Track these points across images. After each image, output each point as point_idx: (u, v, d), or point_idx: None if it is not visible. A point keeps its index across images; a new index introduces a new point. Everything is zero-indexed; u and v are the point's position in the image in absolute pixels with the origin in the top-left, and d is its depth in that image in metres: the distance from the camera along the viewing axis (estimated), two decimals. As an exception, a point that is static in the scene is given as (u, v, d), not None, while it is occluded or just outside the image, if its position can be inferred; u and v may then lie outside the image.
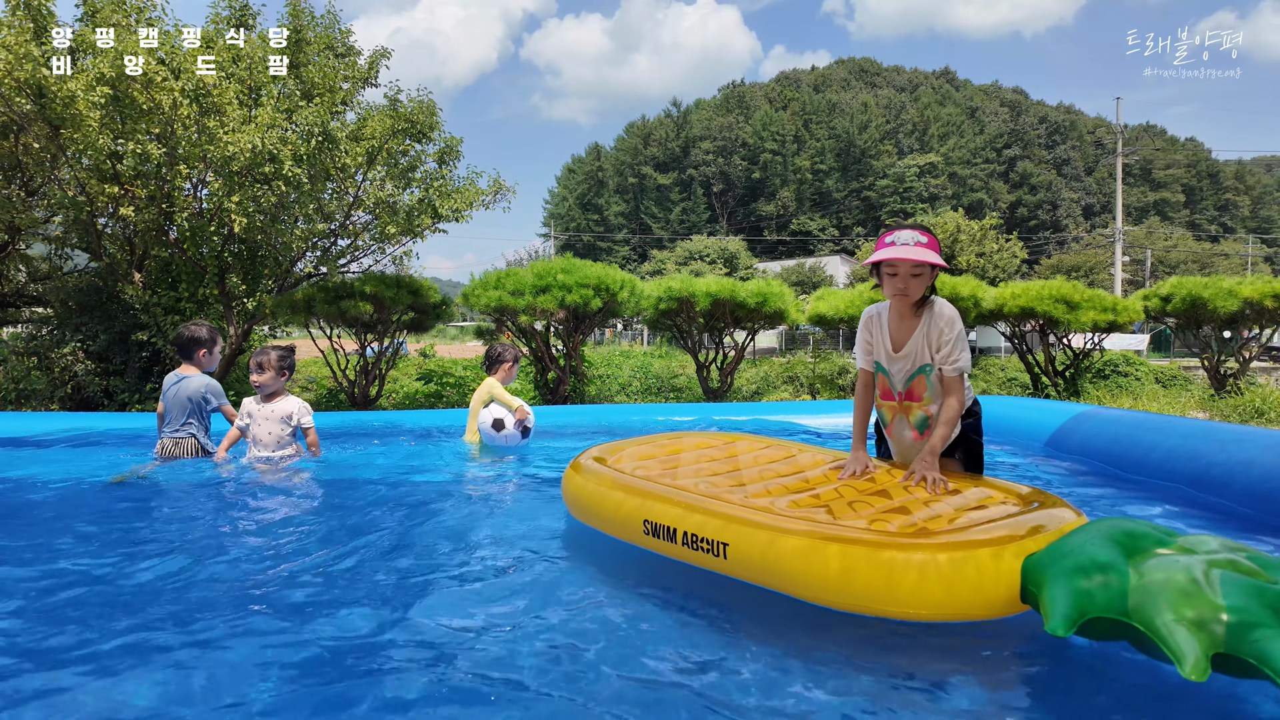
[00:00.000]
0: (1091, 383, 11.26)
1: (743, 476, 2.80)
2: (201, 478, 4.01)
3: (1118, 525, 1.90)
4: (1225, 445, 3.71)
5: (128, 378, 8.77)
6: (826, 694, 1.72)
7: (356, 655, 1.90)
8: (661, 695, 1.71)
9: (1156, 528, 1.90)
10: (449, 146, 8.68)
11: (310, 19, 8.70)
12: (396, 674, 1.80)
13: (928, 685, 1.77)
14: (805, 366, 12.27)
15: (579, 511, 2.95)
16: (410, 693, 1.70)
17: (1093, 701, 1.71)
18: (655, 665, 1.85)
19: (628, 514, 2.59)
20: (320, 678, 1.79)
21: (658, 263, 44.38)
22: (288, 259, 8.90)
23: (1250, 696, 1.70)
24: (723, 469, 2.95)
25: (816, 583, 2.00)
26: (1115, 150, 35.98)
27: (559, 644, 1.96)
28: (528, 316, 8.79)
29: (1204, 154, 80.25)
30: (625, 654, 1.91)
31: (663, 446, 3.39)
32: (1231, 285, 10.10)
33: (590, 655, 1.90)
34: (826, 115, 74.67)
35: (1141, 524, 1.90)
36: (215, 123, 7.09)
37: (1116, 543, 1.80)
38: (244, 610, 2.19)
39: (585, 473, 2.97)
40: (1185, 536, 1.87)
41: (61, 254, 9.61)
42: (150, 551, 2.80)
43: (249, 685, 1.74)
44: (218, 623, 2.09)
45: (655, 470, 2.93)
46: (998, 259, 30.77)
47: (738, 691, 1.72)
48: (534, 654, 1.90)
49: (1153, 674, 1.79)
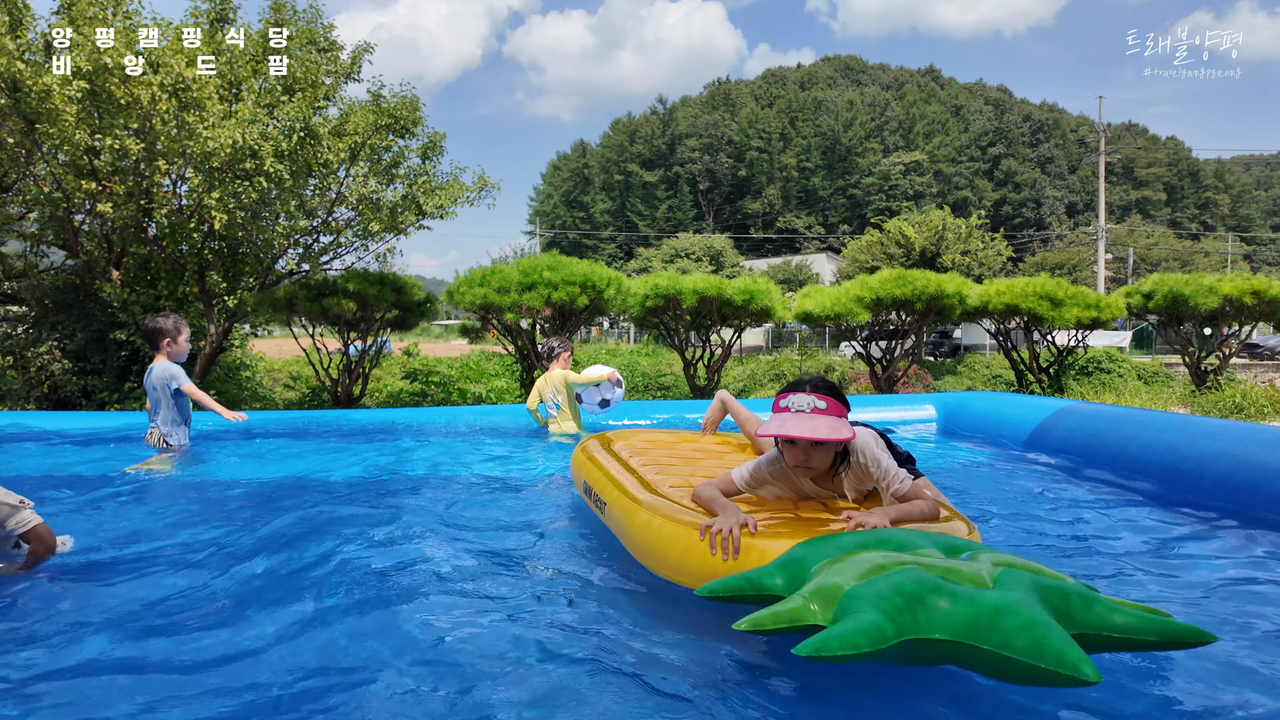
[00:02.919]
0: (1075, 380, 11.36)
1: (680, 465, 3.11)
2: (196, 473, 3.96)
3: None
4: (1196, 439, 3.74)
5: (106, 377, 8.65)
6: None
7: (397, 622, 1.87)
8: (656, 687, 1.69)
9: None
10: (432, 142, 8.62)
11: (292, 13, 8.60)
12: (398, 670, 1.77)
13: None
14: (792, 364, 12.30)
15: (573, 479, 3.47)
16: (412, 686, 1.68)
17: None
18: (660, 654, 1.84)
19: (583, 478, 3.14)
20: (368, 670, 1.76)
21: (644, 260, 44.33)
22: (269, 256, 8.81)
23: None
24: (678, 458, 3.26)
25: (623, 538, 2.52)
26: (1098, 149, 36.33)
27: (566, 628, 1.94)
28: (513, 314, 8.75)
29: (1185, 153, 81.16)
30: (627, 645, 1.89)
31: (659, 438, 3.72)
32: (1211, 282, 10.22)
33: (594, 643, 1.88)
34: (812, 113, 74.85)
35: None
36: (195, 118, 7.00)
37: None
38: (244, 612, 2.15)
39: (583, 448, 3.50)
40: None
41: (37, 251, 9.45)
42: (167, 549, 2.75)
43: (230, 681, 1.71)
44: (224, 614, 2.06)
45: (628, 453, 3.27)
46: (982, 256, 30.95)
47: (737, 673, 1.71)
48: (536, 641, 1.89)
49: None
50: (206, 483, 3.93)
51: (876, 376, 10.54)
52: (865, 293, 9.60)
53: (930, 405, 6.60)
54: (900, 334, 10.63)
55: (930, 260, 30.33)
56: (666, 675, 1.77)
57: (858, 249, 33.40)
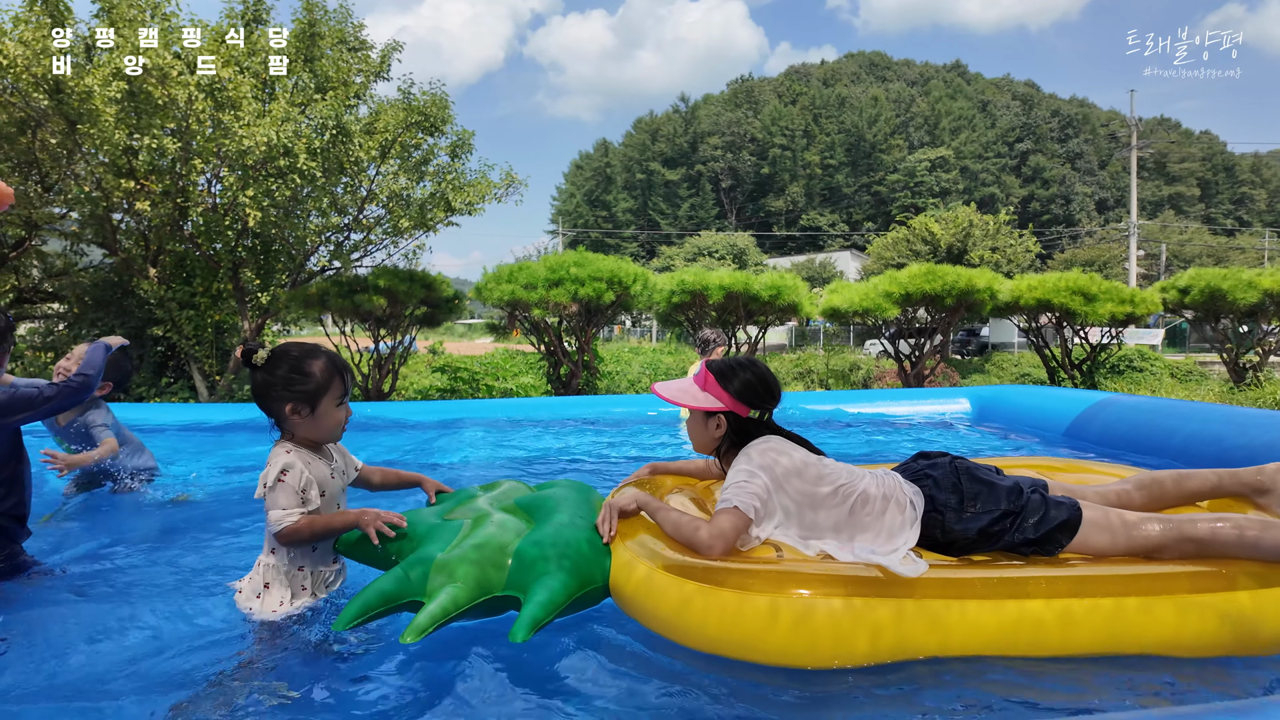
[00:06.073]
0: (1106, 377, 11.16)
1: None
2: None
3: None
4: (1246, 428, 3.67)
5: (143, 372, 8.83)
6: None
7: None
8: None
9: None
10: (461, 139, 8.69)
11: (324, 13, 8.72)
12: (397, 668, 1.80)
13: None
14: (818, 360, 12.23)
15: None
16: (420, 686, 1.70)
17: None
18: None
19: None
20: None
21: (666, 259, 44.29)
22: (301, 253, 8.94)
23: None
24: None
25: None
26: (1130, 144, 35.64)
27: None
28: (540, 310, 8.79)
29: (1219, 147, 79.34)
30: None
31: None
32: (1251, 277, 9.98)
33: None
34: (836, 110, 74.29)
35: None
36: (230, 117, 7.12)
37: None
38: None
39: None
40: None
41: (77, 250, 9.69)
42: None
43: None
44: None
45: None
46: (1010, 253, 30.54)
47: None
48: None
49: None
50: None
51: (905, 374, 10.44)
52: (894, 288, 9.52)
53: (964, 399, 6.54)
54: (928, 331, 10.52)
55: (957, 257, 29.99)
56: (667, 676, 1.73)
57: (883, 246, 33.12)
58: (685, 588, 1.65)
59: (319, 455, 2.02)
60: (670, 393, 2.13)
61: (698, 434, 2.14)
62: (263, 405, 2.00)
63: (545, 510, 2.05)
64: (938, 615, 1.59)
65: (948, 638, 1.58)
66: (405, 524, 1.96)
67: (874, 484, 1.97)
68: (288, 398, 1.94)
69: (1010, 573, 1.69)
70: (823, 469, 1.97)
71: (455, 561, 1.78)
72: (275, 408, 1.97)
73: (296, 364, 1.95)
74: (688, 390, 2.12)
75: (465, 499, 2.17)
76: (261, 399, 1.98)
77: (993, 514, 1.89)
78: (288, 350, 1.98)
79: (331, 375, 1.98)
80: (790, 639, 1.56)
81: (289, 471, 1.89)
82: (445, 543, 1.87)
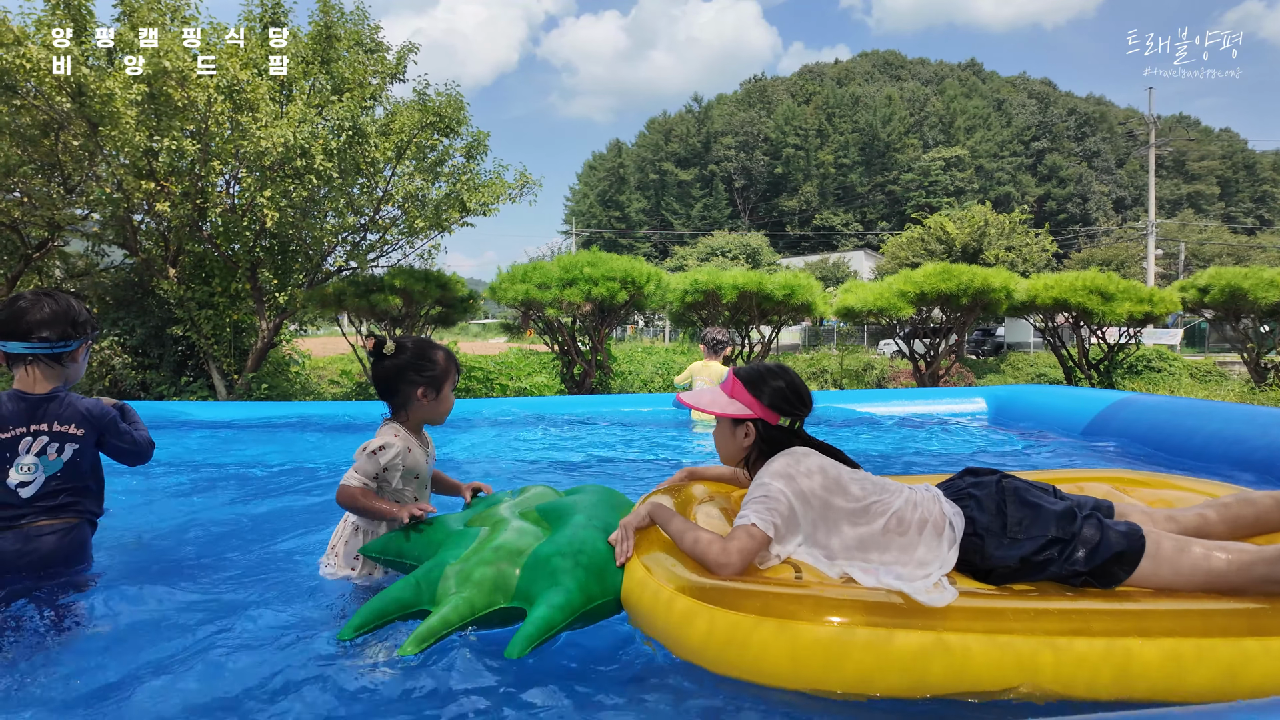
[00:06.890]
0: (1124, 378, 11.06)
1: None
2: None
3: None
4: (1268, 429, 3.63)
5: (163, 370, 8.94)
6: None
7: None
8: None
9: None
10: (476, 140, 8.73)
11: (340, 15, 8.79)
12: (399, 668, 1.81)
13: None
14: (832, 360, 12.20)
15: None
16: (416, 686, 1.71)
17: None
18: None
19: None
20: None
21: (679, 259, 44.30)
22: (318, 253, 9.02)
23: None
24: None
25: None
26: (1148, 142, 35.26)
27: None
28: (554, 310, 8.82)
29: (1240, 145, 78.30)
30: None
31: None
32: (1273, 275, 9.86)
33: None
34: (850, 109, 73.97)
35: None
36: (248, 119, 7.20)
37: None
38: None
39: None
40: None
41: (98, 250, 9.82)
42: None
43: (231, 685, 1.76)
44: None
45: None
46: (1026, 253, 30.32)
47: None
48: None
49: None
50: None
51: (919, 374, 10.39)
52: (909, 287, 9.47)
53: (980, 398, 6.50)
54: (943, 331, 10.46)
55: (972, 256, 29.81)
56: (667, 676, 1.72)
57: (898, 245, 32.97)
58: (690, 606, 1.59)
59: (419, 441, 2.26)
60: (702, 402, 2.06)
61: (725, 443, 2.07)
62: (389, 388, 2.22)
63: (564, 516, 2.03)
64: (960, 648, 1.43)
65: (969, 672, 1.42)
66: (435, 512, 2.05)
67: (909, 502, 1.84)
68: (420, 382, 2.20)
69: (1047, 604, 1.52)
70: (854, 483, 1.85)
71: (465, 571, 1.78)
72: (406, 390, 2.20)
73: (423, 352, 2.22)
74: (715, 398, 2.04)
75: (490, 504, 2.18)
76: (390, 383, 2.21)
77: (1037, 541, 1.72)
78: (413, 341, 2.24)
79: (450, 364, 2.27)
80: (792, 667, 1.47)
81: (385, 450, 2.12)
82: (460, 550, 1.88)
